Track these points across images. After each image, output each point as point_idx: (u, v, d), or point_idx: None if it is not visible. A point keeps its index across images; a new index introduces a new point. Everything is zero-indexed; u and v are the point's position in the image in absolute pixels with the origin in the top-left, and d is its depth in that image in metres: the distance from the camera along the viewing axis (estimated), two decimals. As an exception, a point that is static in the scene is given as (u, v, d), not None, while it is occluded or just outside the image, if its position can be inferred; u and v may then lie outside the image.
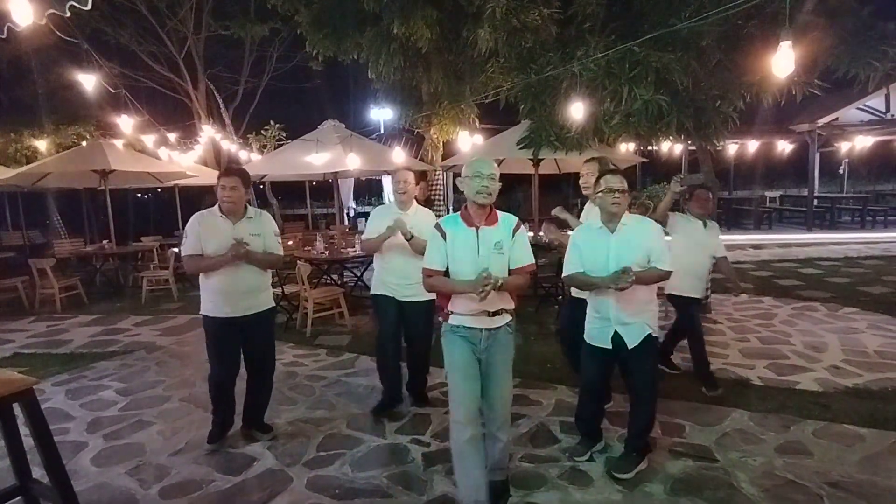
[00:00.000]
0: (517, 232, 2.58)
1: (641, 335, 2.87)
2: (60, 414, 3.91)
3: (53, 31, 4.27)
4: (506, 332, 2.62)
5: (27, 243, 12.84)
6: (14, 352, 5.55)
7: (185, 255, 3.24)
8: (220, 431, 3.42)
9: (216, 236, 3.20)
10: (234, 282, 3.24)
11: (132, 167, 8.99)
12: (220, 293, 3.24)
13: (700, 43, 5.08)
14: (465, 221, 2.59)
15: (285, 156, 9.41)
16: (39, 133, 12.51)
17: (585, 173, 3.77)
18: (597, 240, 2.91)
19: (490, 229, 2.56)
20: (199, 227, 3.22)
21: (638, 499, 2.76)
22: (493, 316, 2.56)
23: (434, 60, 7.55)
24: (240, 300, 3.27)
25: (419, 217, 3.67)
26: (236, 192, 3.21)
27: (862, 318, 5.77)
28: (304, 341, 5.61)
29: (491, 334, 2.58)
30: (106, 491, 2.93)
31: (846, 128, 13.17)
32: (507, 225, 2.59)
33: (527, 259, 2.60)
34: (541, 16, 5.62)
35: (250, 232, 3.27)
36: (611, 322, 2.89)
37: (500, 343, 2.60)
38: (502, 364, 2.61)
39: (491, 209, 2.61)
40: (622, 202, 2.84)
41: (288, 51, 15.94)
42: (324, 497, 2.83)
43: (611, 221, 2.90)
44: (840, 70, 5.20)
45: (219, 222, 3.25)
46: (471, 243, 2.54)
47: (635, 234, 2.86)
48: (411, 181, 3.71)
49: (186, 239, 3.23)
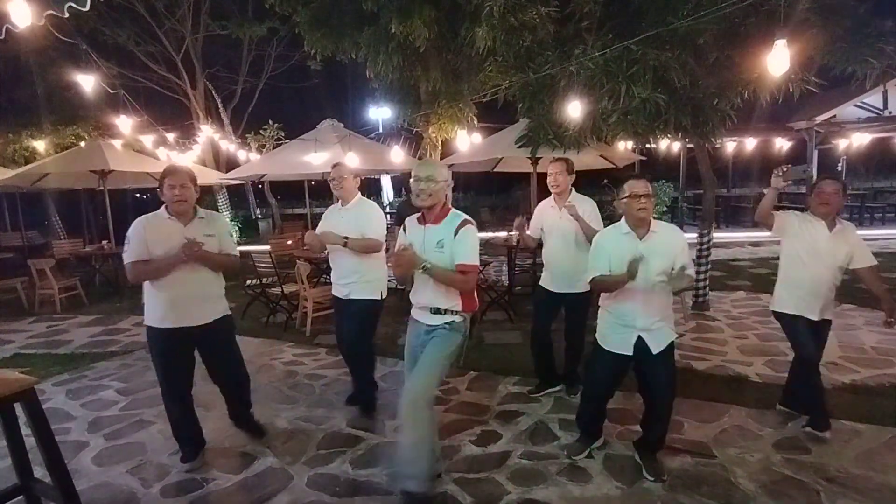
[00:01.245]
0: (459, 231, 2.65)
1: (667, 340, 2.83)
2: (61, 414, 3.92)
3: (52, 32, 4.27)
4: (444, 330, 2.69)
5: (26, 244, 12.83)
6: (14, 352, 5.56)
7: (129, 262, 2.89)
8: (193, 450, 3.18)
9: (165, 240, 2.92)
10: (187, 288, 2.97)
11: (131, 167, 8.99)
12: (169, 301, 2.95)
13: (697, 41, 5.09)
14: (419, 220, 2.80)
15: (284, 155, 9.41)
16: (38, 133, 12.51)
17: (553, 172, 3.82)
18: (624, 245, 2.81)
19: (434, 228, 2.71)
20: (143, 232, 2.92)
21: (636, 494, 2.77)
22: (434, 314, 2.70)
23: (432, 59, 7.55)
24: (193, 308, 3.01)
25: (362, 211, 3.68)
26: (187, 191, 2.96)
27: (859, 315, 5.79)
28: (304, 340, 5.62)
29: (429, 329, 2.72)
30: (107, 490, 2.94)
31: (844, 125, 13.18)
32: (451, 224, 2.68)
33: (464, 258, 2.63)
34: (538, 14, 5.61)
35: (204, 233, 3.01)
36: (635, 328, 2.82)
37: (436, 338, 2.70)
38: (427, 355, 2.68)
39: (443, 209, 2.73)
40: (648, 207, 2.77)
41: (286, 50, 15.96)
42: (324, 495, 2.84)
43: (639, 227, 2.82)
44: (837, 67, 5.21)
45: (167, 224, 2.98)
46: (418, 240, 2.73)
47: (663, 243, 2.80)
48: (346, 175, 3.69)
49: (129, 244, 2.89)
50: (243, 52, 15.94)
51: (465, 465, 3.07)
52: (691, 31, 4.90)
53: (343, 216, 3.69)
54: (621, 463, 3.07)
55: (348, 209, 3.71)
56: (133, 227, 2.95)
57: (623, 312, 2.86)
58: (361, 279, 3.61)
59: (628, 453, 3.15)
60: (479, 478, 2.95)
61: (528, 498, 2.76)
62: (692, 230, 7.08)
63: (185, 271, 2.95)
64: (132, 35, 13.87)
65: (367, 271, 3.61)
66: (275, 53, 16.37)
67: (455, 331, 2.70)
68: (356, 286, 3.62)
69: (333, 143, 8.18)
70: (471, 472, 3.00)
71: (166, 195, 2.97)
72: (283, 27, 13.67)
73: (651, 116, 5.13)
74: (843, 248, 3.24)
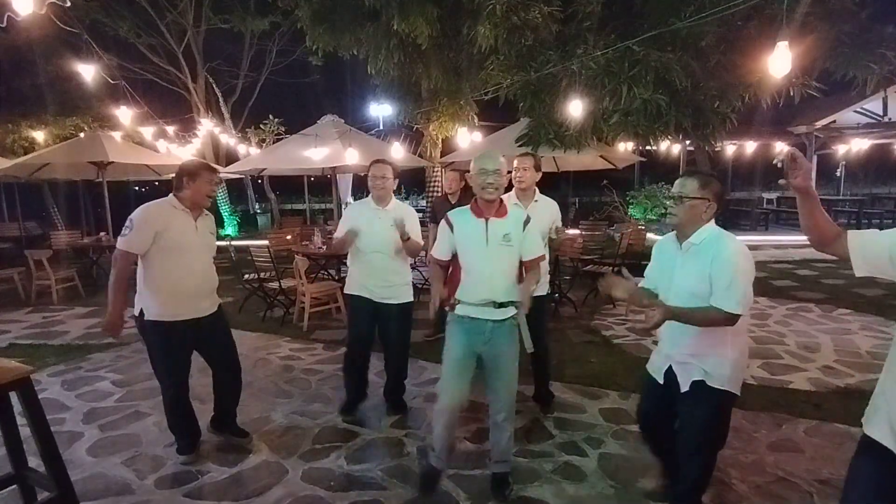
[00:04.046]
0: (527, 225, 2.66)
1: (693, 379, 2.23)
2: (56, 404, 3.91)
3: (53, 22, 4.25)
4: (511, 324, 2.63)
5: (24, 234, 12.80)
6: (10, 342, 5.55)
7: (123, 249, 2.88)
8: (190, 443, 3.17)
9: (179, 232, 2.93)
10: (204, 280, 3.02)
11: (130, 159, 8.97)
12: (182, 294, 2.93)
13: (699, 43, 5.11)
14: (475, 213, 2.66)
15: (284, 150, 9.39)
16: (37, 124, 12.48)
17: (520, 167, 3.62)
18: (669, 256, 2.35)
19: (500, 221, 2.63)
20: (153, 223, 2.87)
21: (630, 494, 2.78)
22: (499, 308, 2.58)
23: (433, 57, 7.55)
24: (203, 300, 3.04)
25: (399, 213, 3.46)
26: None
27: (855, 320, 5.81)
28: (301, 335, 5.62)
29: (496, 325, 2.60)
30: (101, 481, 2.94)
31: (843, 130, 13.22)
32: (518, 218, 2.67)
33: (538, 251, 2.70)
34: (541, 13, 5.63)
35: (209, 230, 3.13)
36: (666, 354, 2.36)
37: (506, 334, 2.63)
38: (508, 355, 2.65)
39: (501, 202, 2.67)
40: (677, 213, 2.23)
41: (288, 45, 15.92)
42: (318, 489, 2.84)
43: (681, 235, 2.28)
44: (838, 73, 5.23)
45: (179, 216, 2.96)
46: (479, 234, 2.60)
47: (700, 258, 2.17)
48: (389, 176, 3.47)
49: (130, 232, 2.87)
50: (245, 46, 15.90)
51: (461, 461, 3.07)
52: (693, 33, 4.92)
53: (381, 217, 3.45)
54: (616, 462, 3.07)
55: (388, 210, 3.48)
56: (141, 216, 2.87)
57: (661, 332, 2.36)
58: (402, 282, 3.56)
59: (623, 452, 3.16)
60: (474, 474, 2.95)
61: (522, 495, 2.76)
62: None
63: (201, 265, 3.01)
64: (133, 27, 13.82)
65: (406, 274, 3.61)
66: (276, 48, 16.34)
67: (515, 324, 2.63)
68: (397, 289, 3.53)
69: (333, 139, 8.16)
70: (466, 469, 3.00)
71: (202, 190, 2.97)
72: (286, 22, 13.64)
73: (652, 117, 5.14)
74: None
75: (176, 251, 2.91)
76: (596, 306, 6.61)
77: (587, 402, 3.87)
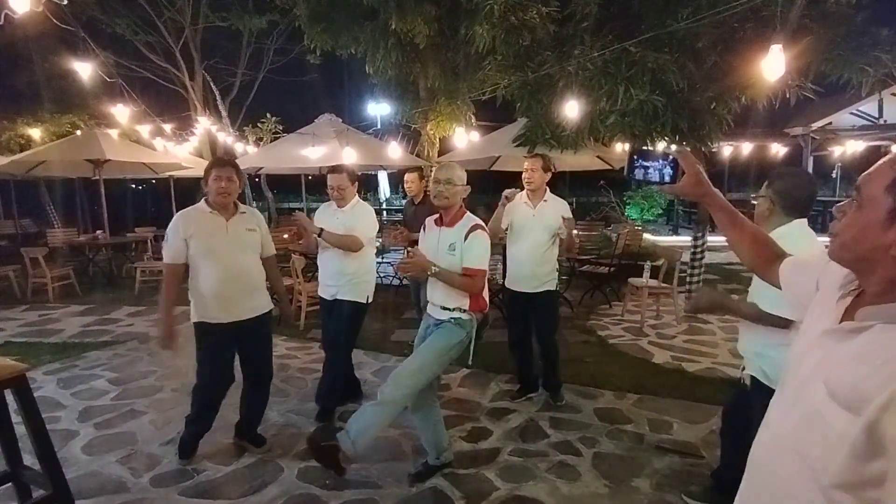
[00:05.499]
0: (469, 236, 2.72)
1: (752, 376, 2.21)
2: (52, 402, 3.91)
3: (49, 19, 4.23)
4: (449, 324, 2.77)
5: (19, 232, 12.75)
6: (5, 340, 5.54)
7: (165, 262, 2.93)
8: (194, 449, 3.13)
9: (208, 236, 2.92)
10: (240, 281, 2.97)
11: (127, 157, 8.95)
12: (218, 297, 2.91)
13: (696, 45, 5.13)
14: (436, 221, 2.89)
15: (281, 149, 9.38)
16: (34, 121, 12.41)
17: (529, 168, 3.70)
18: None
19: (448, 230, 2.80)
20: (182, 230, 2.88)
21: (624, 493, 2.80)
22: (443, 310, 2.79)
23: (431, 56, 7.56)
24: (243, 302, 2.99)
25: (356, 213, 3.55)
26: (232, 184, 2.95)
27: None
28: (298, 334, 5.62)
29: (437, 322, 2.82)
30: (97, 479, 2.94)
31: (839, 132, 13.27)
32: (463, 228, 2.75)
33: (469, 262, 2.70)
34: (539, 14, 5.63)
35: (246, 227, 3.04)
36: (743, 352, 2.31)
37: (441, 330, 2.79)
38: (430, 346, 2.78)
39: (458, 212, 2.80)
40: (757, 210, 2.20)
41: (285, 44, 15.87)
42: (314, 487, 2.85)
43: None
44: (834, 75, 5.26)
45: (209, 219, 2.95)
46: (434, 241, 2.84)
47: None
48: (345, 185, 3.51)
49: (167, 243, 2.90)
50: (243, 44, 15.85)
51: (456, 460, 3.08)
52: (690, 35, 4.94)
53: (337, 216, 3.56)
54: (610, 461, 3.09)
55: (344, 210, 3.58)
56: (172, 225, 2.90)
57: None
58: (349, 281, 3.52)
59: (617, 452, 3.18)
60: (469, 473, 2.97)
61: (516, 494, 2.78)
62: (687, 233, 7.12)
63: (226, 264, 2.92)
64: (130, 24, 13.77)
65: (354, 273, 3.52)
66: (274, 46, 16.29)
67: (459, 326, 2.75)
68: (342, 288, 3.54)
69: (331, 138, 8.16)
70: (461, 468, 3.01)
71: (211, 187, 2.90)
72: (284, 20, 13.61)
73: (648, 118, 5.16)
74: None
75: (207, 254, 2.90)
76: (592, 306, 6.64)
77: (582, 402, 3.89)
